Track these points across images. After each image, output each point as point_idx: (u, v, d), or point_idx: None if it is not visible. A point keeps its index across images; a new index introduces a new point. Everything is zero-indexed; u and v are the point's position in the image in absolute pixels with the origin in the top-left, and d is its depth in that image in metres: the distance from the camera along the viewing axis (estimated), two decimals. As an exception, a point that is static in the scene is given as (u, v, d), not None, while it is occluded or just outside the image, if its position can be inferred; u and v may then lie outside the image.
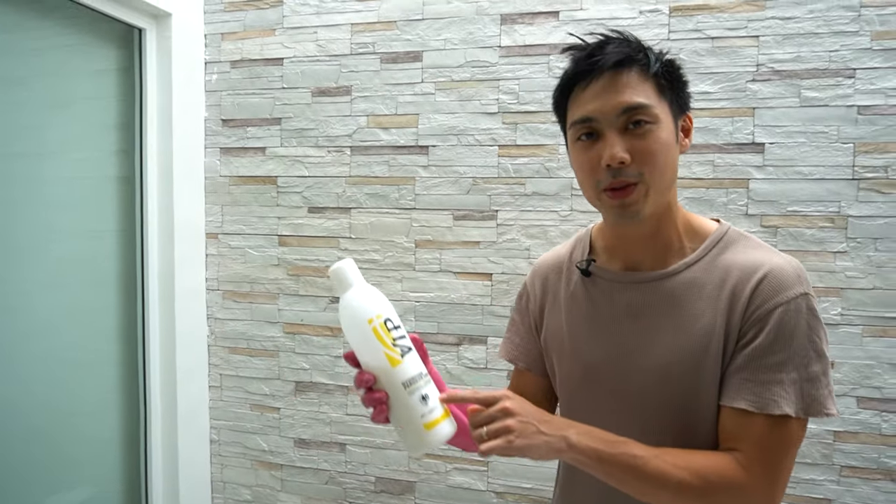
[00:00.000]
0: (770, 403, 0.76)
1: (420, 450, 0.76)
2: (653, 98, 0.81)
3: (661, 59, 0.83)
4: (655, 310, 0.86)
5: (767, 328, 0.78)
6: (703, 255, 0.86)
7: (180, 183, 2.05)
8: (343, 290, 0.76)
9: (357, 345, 0.76)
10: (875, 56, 1.65)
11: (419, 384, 0.75)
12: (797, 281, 0.80)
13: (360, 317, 0.75)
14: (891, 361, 1.67)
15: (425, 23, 1.95)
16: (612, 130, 0.81)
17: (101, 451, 2.01)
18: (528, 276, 1.05)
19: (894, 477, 1.68)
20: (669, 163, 0.82)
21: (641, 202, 0.82)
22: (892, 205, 1.66)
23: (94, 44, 1.94)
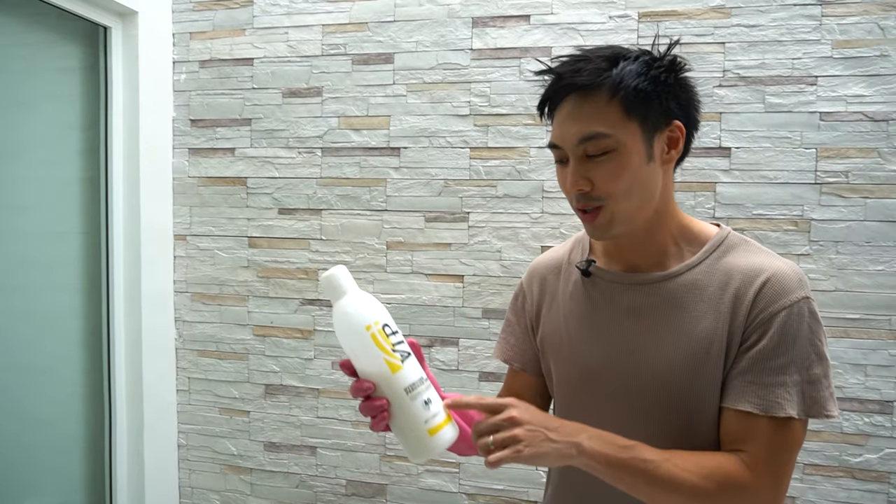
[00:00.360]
0: (774, 406, 0.77)
1: (423, 456, 0.74)
2: (615, 122, 0.80)
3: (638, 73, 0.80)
4: (656, 311, 0.86)
5: (771, 331, 0.79)
6: (705, 258, 0.86)
7: (147, 184, 2.01)
8: (337, 297, 0.74)
9: (354, 352, 0.74)
10: (836, 64, 1.69)
11: (420, 389, 0.74)
12: (799, 285, 0.81)
13: (358, 323, 0.73)
14: (852, 362, 1.71)
15: (397, 24, 1.94)
16: (574, 158, 0.82)
17: (65, 458, 1.97)
18: (524, 277, 1.05)
19: (855, 474, 1.72)
20: (636, 185, 0.82)
21: (607, 225, 0.83)
22: (853, 209, 1.70)
23: (58, 42, 1.90)
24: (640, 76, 0.80)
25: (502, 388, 1.08)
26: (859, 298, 1.70)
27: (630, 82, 0.79)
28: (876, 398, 1.70)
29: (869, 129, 1.68)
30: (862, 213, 1.69)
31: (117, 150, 1.98)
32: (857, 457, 1.72)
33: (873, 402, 1.70)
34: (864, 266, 1.70)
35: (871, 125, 1.68)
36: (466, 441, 0.81)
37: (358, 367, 0.75)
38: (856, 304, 1.71)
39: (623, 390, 0.87)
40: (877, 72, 1.67)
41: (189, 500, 2.19)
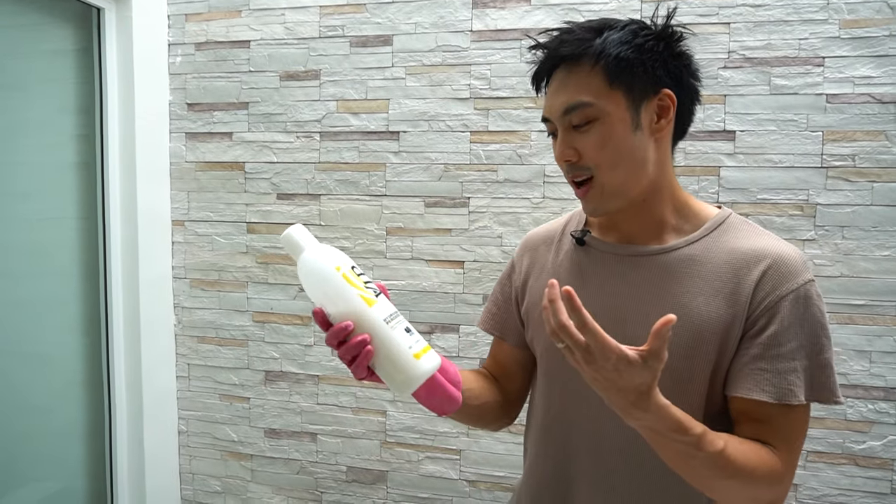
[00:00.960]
0: (787, 393, 0.77)
1: (412, 384, 0.73)
2: (599, 91, 0.80)
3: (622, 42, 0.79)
4: (650, 283, 0.85)
5: (779, 316, 0.78)
6: (704, 235, 0.85)
7: (143, 169, 1.99)
8: (299, 252, 0.75)
9: (326, 296, 0.73)
10: (843, 45, 1.65)
11: (399, 319, 0.74)
12: (804, 268, 0.80)
13: (327, 267, 0.73)
14: (857, 348, 1.70)
15: (395, 6, 1.91)
16: (562, 129, 0.83)
17: (64, 445, 1.97)
18: (517, 249, 1.05)
19: (859, 462, 1.71)
20: (624, 153, 0.81)
21: (597, 199, 0.83)
22: (859, 193, 1.67)
23: (51, 23, 1.87)
24: (623, 44, 0.79)
25: (487, 359, 1.08)
26: (865, 284, 1.68)
27: (612, 51, 0.79)
28: (881, 385, 1.68)
29: (876, 111, 1.65)
30: (869, 198, 1.66)
31: (113, 135, 1.96)
32: (860, 444, 1.71)
33: (878, 389, 1.69)
34: (871, 251, 1.67)
35: (879, 107, 1.64)
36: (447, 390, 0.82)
37: (331, 311, 0.73)
38: (861, 290, 1.68)
39: None
40: (885, 52, 1.63)
41: (190, 487, 2.20)
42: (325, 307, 0.74)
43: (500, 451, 1.92)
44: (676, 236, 0.86)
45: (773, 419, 0.78)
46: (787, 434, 0.78)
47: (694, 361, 0.81)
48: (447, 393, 0.83)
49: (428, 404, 0.83)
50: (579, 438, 0.89)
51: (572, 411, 0.89)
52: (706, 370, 0.81)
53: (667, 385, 0.81)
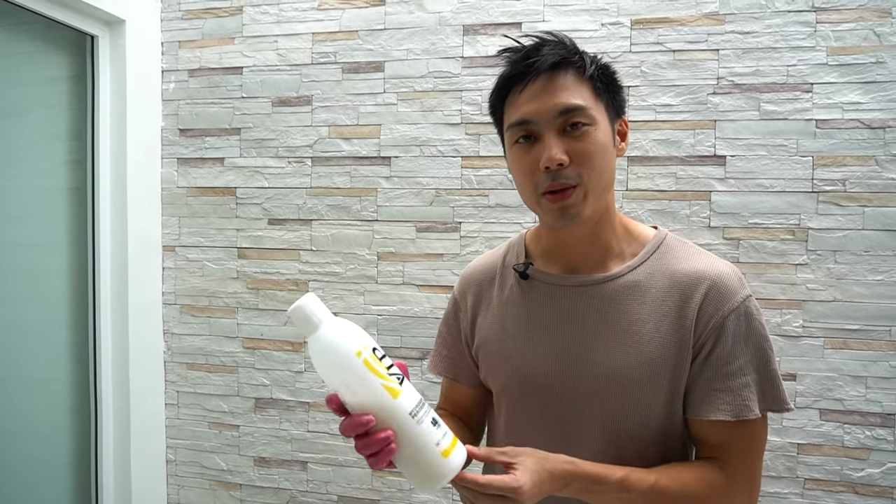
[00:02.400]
0: (743, 409, 0.78)
1: (440, 482, 0.67)
2: (589, 100, 0.81)
3: (597, 63, 0.83)
4: (598, 314, 0.84)
5: (724, 336, 0.80)
6: (645, 260, 0.86)
7: (135, 194, 1.98)
8: (313, 329, 0.66)
9: (345, 384, 0.66)
10: (831, 71, 1.66)
11: (425, 409, 0.67)
12: (740, 285, 0.82)
13: (346, 351, 0.65)
14: (852, 373, 1.68)
15: (387, 33, 1.92)
16: (550, 132, 0.80)
17: (50, 473, 1.93)
18: (456, 287, 1.02)
19: (857, 489, 1.68)
20: (607, 165, 0.82)
21: (580, 205, 0.81)
22: (850, 217, 1.67)
23: (46, 51, 1.88)
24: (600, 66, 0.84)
25: (440, 399, 1.05)
26: (858, 309, 1.67)
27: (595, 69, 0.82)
28: (877, 411, 1.66)
29: (866, 136, 1.65)
30: (860, 222, 1.66)
31: (104, 160, 1.96)
32: (858, 471, 1.68)
33: (875, 416, 1.67)
34: (863, 276, 1.66)
35: (868, 133, 1.65)
36: None
37: (350, 400, 0.66)
38: (855, 315, 1.67)
39: (566, 398, 0.84)
40: (873, 78, 1.64)
41: (177, 517, 2.15)
42: (341, 394, 0.67)
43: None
44: (619, 262, 0.87)
45: (731, 436, 0.80)
46: (746, 448, 0.80)
47: (648, 387, 0.82)
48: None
49: None
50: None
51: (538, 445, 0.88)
52: (660, 396, 0.82)
53: (623, 413, 0.82)
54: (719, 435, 0.80)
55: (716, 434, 0.81)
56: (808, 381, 1.70)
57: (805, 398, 1.70)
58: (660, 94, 1.76)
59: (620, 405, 0.82)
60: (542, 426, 0.86)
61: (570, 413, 0.84)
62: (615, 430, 0.83)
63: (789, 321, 1.70)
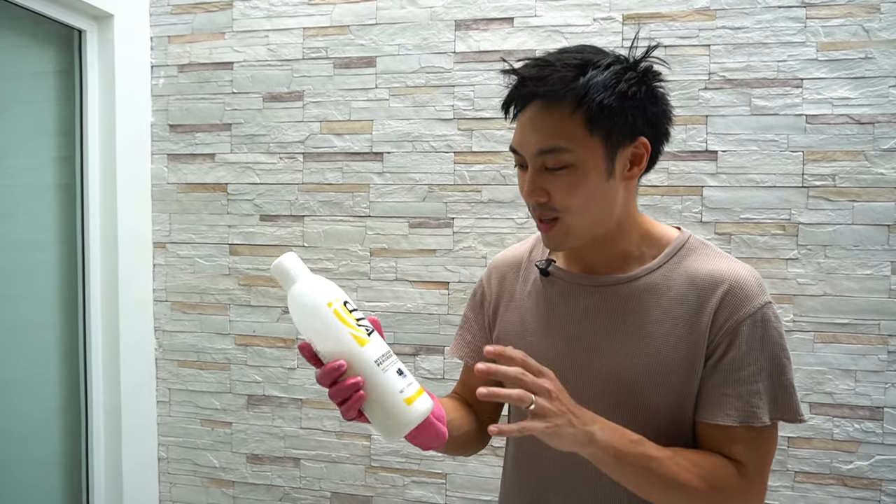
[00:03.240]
0: (751, 415, 0.78)
1: (402, 430, 0.70)
2: (577, 137, 0.77)
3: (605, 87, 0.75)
4: (614, 314, 0.85)
5: (738, 340, 0.79)
6: (664, 263, 0.86)
7: (124, 191, 1.97)
8: (290, 283, 0.72)
9: (316, 333, 0.71)
10: (821, 66, 1.67)
11: (391, 359, 0.71)
12: (760, 290, 0.81)
13: (318, 301, 0.70)
14: (841, 367, 1.69)
15: (379, 28, 1.91)
16: (532, 167, 0.80)
17: (41, 473, 1.91)
18: (484, 274, 1.03)
19: (846, 481, 1.70)
20: (594, 201, 0.80)
21: (563, 238, 0.82)
22: (840, 212, 1.68)
23: (33, 46, 1.86)
24: (606, 90, 0.76)
25: (458, 384, 1.06)
26: (848, 303, 1.68)
27: (595, 96, 0.75)
28: (866, 404, 1.68)
29: (855, 131, 1.66)
30: (850, 217, 1.68)
31: (93, 157, 1.94)
32: (847, 464, 1.70)
33: (863, 409, 1.68)
34: (853, 270, 1.68)
35: (858, 128, 1.66)
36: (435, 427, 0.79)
37: (322, 349, 0.71)
38: (844, 309, 1.69)
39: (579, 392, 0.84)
40: (862, 74, 1.65)
41: (169, 515, 2.14)
42: (313, 343, 0.71)
43: (487, 474, 1.89)
44: (639, 264, 0.87)
45: (738, 441, 0.79)
46: (754, 455, 0.79)
47: (658, 389, 0.82)
48: (434, 430, 0.81)
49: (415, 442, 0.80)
50: (550, 472, 0.89)
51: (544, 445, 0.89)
52: (669, 398, 0.82)
53: (631, 413, 0.82)
54: (725, 439, 0.80)
55: (721, 438, 0.80)
56: (799, 375, 1.71)
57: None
58: (651, 89, 1.76)
59: (629, 405, 0.83)
60: None
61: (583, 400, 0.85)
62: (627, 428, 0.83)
63: (780, 315, 1.71)
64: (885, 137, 1.65)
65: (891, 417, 1.67)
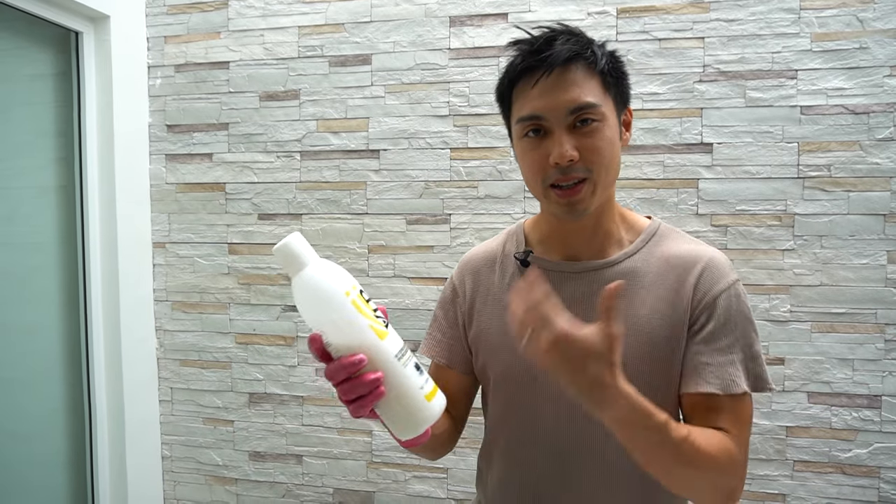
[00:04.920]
0: (730, 384, 0.81)
1: (420, 428, 0.66)
2: (599, 95, 0.82)
3: (608, 54, 0.84)
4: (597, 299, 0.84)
5: (716, 313, 0.83)
6: (642, 247, 0.89)
7: (123, 191, 1.98)
8: (299, 268, 0.63)
9: (332, 324, 0.63)
10: (815, 57, 1.68)
11: (409, 354, 0.66)
12: (731, 269, 0.87)
13: (335, 289, 0.62)
14: (839, 356, 1.70)
15: (374, 25, 1.92)
16: (561, 128, 0.81)
17: (45, 473, 1.93)
18: (455, 272, 1.01)
19: (845, 470, 1.71)
20: (614, 159, 0.84)
21: (588, 199, 0.83)
22: (836, 203, 1.69)
23: (30, 48, 1.87)
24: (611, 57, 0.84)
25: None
26: (844, 293, 1.69)
27: (606, 61, 0.83)
28: (864, 392, 1.69)
29: (850, 122, 1.67)
30: (845, 207, 1.68)
31: (92, 158, 1.95)
32: (846, 452, 1.71)
33: (861, 397, 1.69)
34: (849, 260, 1.68)
35: (853, 118, 1.66)
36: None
37: (336, 341, 0.63)
38: (841, 299, 1.69)
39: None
40: (856, 64, 1.66)
41: (174, 513, 2.16)
42: (325, 335, 0.64)
43: (488, 468, 1.90)
44: (618, 249, 0.90)
45: (721, 410, 0.81)
46: (736, 422, 0.81)
47: (649, 368, 0.84)
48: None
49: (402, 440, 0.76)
50: (545, 460, 0.89)
51: (536, 434, 0.89)
52: (662, 374, 0.85)
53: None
54: (708, 408, 0.82)
55: (705, 407, 0.82)
56: (797, 365, 1.72)
57: (793, 381, 1.72)
58: (646, 82, 1.77)
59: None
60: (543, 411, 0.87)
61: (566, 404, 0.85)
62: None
63: (777, 306, 1.72)
64: (879, 127, 1.65)
65: (888, 405, 1.68)
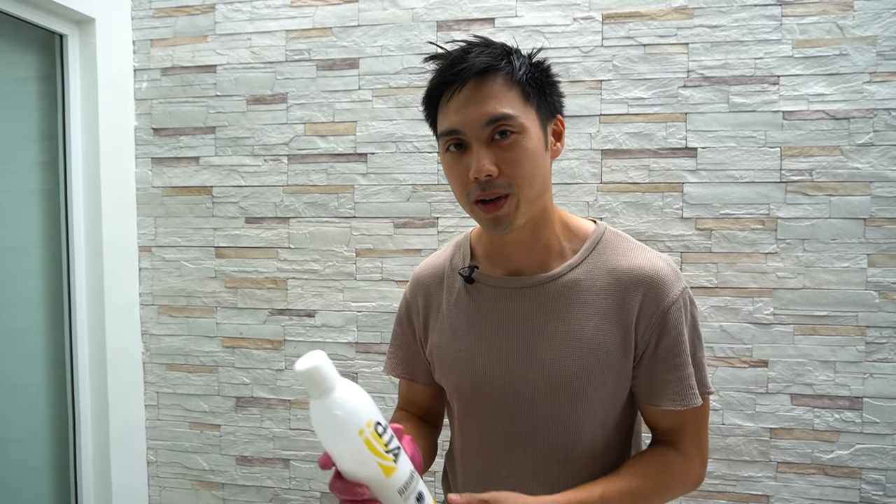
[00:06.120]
0: (692, 397, 0.84)
1: None
2: (518, 106, 0.79)
3: (527, 64, 0.82)
4: (541, 314, 0.86)
5: (667, 327, 0.84)
6: (585, 258, 0.87)
7: (109, 195, 1.97)
8: (319, 395, 0.65)
9: (342, 456, 0.67)
10: (797, 63, 1.70)
11: (412, 485, 0.69)
12: (677, 278, 0.86)
13: (349, 428, 0.65)
14: (821, 358, 1.72)
15: (361, 29, 1.92)
16: (479, 142, 0.79)
17: (29, 479, 1.91)
18: (408, 288, 1.01)
19: (827, 471, 1.73)
20: (538, 171, 0.81)
21: (513, 214, 0.81)
22: (818, 206, 1.71)
23: (13, 51, 1.85)
24: (532, 66, 0.82)
25: (400, 400, 1.06)
26: (826, 295, 1.71)
27: (525, 71, 0.81)
28: (846, 394, 1.71)
29: (831, 127, 1.69)
30: (827, 211, 1.71)
31: (77, 161, 1.93)
32: (828, 453, 1.73)
33: (843, 399, 1.71)
34: (831, 263, 1.71)
35: (833, 123, 1.69)
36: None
37: (344, 468, 0.67)
38: (823, 302, 1.72)
39: (516, 397, 0.86)
40: (837, 70, 1.68)
41: (159, 518, 2.15)
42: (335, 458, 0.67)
43: (475, 471, 1.91)
44: (560, 261, 0.88)
45: (683, 421, 0.87)
46: (696, 430, 0.88)
47: (593, 384, 0.84)
48: None
49: None
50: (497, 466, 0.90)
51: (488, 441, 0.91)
52: (605, 390, 0.85)
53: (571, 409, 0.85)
54: (671, 420, 0.87)
55: (668, 420, 0.88)
56: (780, 367, 1.74)
57: (776, 384, 1.74)
58: (631, 87, 1.78)
59: (567, 402, 0.85)
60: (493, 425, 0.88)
61: (520, 412, 0.86)
62: (564, 425, 0.86)
63: (760, 309, 1.74)
64: (859, 132, 1.68)
65: (870, 407, 1.70)
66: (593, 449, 0.87)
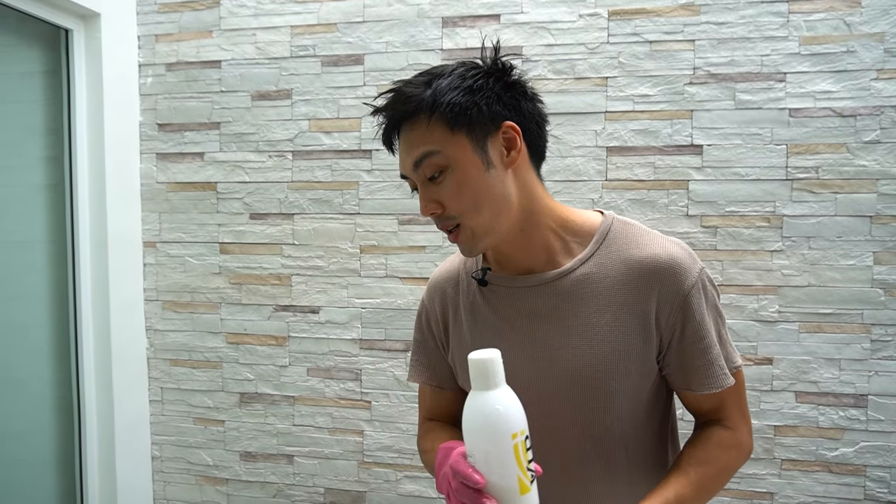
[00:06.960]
0: (722, 378, 0.85)
1: None
2: (440, 140, 0.80)
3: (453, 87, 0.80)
4: (558, 310, 0.86)
5: (691, 311, 0.84)
6: (595, 251, 0.87)
7: (114, 190, 1.97)
8: (484, 387, 0.66)
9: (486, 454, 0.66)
10: (803, 60, 1.70)
11: None
12: (692, 261, 0.86)
13: (504, 429, 0.65)
14: (826, 356, 1.72)
15: (366, 25, 1.92)
16: (420, 184, 0.83)
17: (34, 473, 1.92)
18: (425, 294, 1.02)
19: (832, 468, 1.73)
20: (483, 196, 0.81)
21: (471, 241, 0.83)
22: (823, 204, 1.71)
23: (19, 45, 1.85)
24: (454, 90, 0.79)
25: (424, 411, 1.04)
26: (832, 293, 1.71)
27: (443, 98, 0.79)
28: (850, 392, 1.71)
29: (837, 124, 1.69)
30: (833, 209, 1.70)
31: (82, 156, 1.94)
32: (833, 451, 1.73)
33: (848, 396, 1.71)
34: (836, 261, 1.71)
35: (840, 121, 1.69)
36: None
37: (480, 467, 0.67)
38: (828, 299, 1.71)
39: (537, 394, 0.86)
40: (844, 67, 1.68)
41: (163, 513, 2.15)
42: (473, 454, 0.67)
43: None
44: (568, 256, 0.88)
45: (723, 398, 0.88)
46: (738, 402, 0.89)
47: (616, 377, 0.84)
48: None
49: None
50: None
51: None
52: (628, 382, 0.85)
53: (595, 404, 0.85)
54: (712, 401, 0.88)
55: (708, 401, 0.88)
56: (784, 365, 1.74)
57: (781, 381, 1.74)
58: (637, 84, 1.78)
59: (591, 397, 0.84)
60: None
61: (545, 410, 0.86)
62: (591, 419, 0.85)
63: (766, 307, 1.74)
64: (866, 130, 1.68)
65: (874, 405, 1.70)
66: (625, 441, 0.87)
